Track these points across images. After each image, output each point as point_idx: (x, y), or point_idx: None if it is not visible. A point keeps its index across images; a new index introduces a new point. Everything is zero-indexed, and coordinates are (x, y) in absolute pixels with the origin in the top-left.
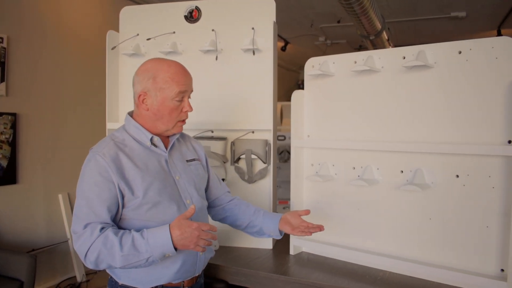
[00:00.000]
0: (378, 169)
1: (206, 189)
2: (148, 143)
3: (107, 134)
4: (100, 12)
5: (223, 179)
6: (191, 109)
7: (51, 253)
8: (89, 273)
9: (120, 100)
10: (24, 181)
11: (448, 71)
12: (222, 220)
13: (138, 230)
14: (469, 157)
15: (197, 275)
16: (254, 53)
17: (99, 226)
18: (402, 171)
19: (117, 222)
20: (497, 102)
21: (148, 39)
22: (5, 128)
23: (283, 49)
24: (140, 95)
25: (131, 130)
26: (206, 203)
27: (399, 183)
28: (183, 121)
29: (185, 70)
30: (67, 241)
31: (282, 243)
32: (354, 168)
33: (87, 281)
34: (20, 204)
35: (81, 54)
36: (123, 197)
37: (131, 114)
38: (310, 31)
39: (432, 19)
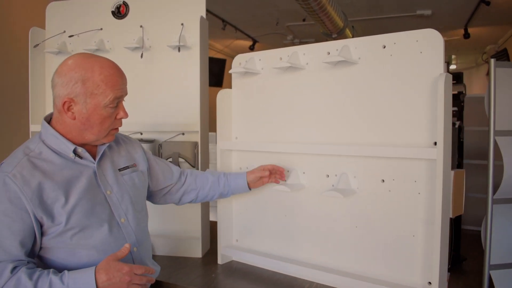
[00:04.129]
0: (304, 173)
1: (157, 183)
2: (71, 155)
3: (30, 137)
4: (27, 7)
5: None
6: (126, 115)
7: None
8: None
9: (47, 101)
10: None
11: (373, 67)
12: (186, 200)
13: (63, 260)
14: (394, 161)
15: None
16: (179, 50)
17: (10, 266)
18: (328, 175)
19: (36, 253)
20: (422, 101)
21: (70, 36)
22: None
23: (251, 48)
24: (65, 102)
25: (49, 140)
26: (146, 217)
27: (324, 188)
28: (117, 129)
29: (119, 71)
30: None
31: (213, 252)
32: None
33: None
34: None
35: (7, 52)
36: (41, 226)
37: (48, 119)
38: (277, 30)
39: (397, 17)
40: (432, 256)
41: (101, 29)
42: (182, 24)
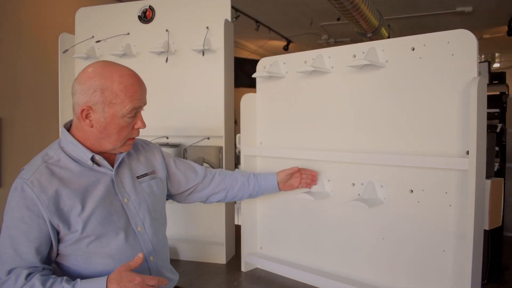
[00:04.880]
0: (329, 181)
1: (179, 187)
2: (89, 163)
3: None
4: (58, 13)
5: None
6: (144, 125)
7: None
8: None
9: None
10: (9, 185)
11: (401, 70)
12: (214, 199)
13: (79, 268)
14: (423, 170)
15: None
16: (203, 54)
17: (25, 272)
18: (353, 184)
19: (53, 260)
20: (453, 107)
21: (97, 42)
22: None
23: (286, 48)
24: (83, 109)
25: (67, 147)
26: (164, 225)
27: (350, 197)
28: (133, 139)
29: (139, 81)
30: None
31: (238, 258)
32: None
33: None
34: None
35: (39, 57)
36: (57, 233)
37: (68, 126)
38: (311, 30)
39: (437, 15)
40: (464, 273)
41: (128, 33)
42: (207, 27)
